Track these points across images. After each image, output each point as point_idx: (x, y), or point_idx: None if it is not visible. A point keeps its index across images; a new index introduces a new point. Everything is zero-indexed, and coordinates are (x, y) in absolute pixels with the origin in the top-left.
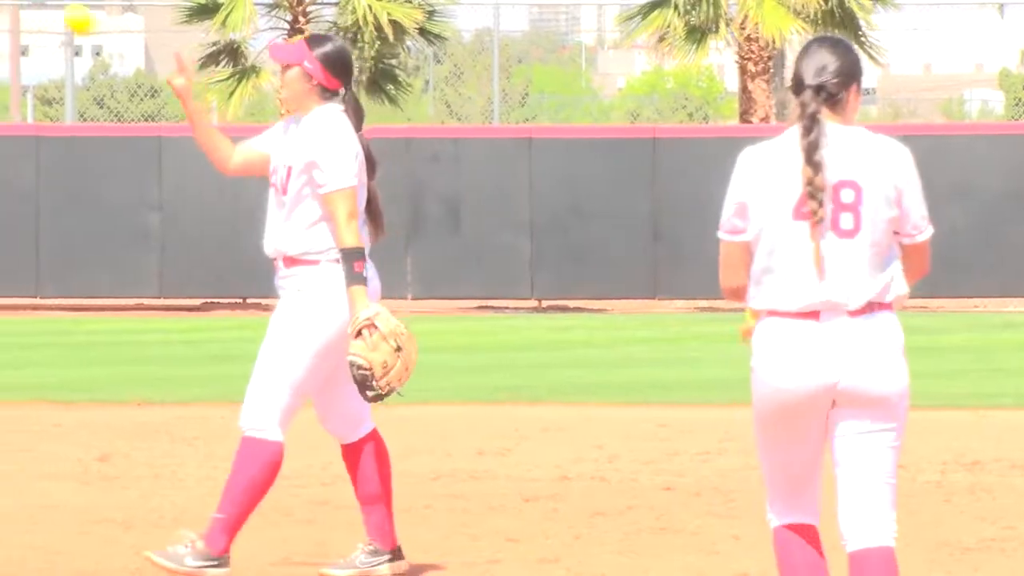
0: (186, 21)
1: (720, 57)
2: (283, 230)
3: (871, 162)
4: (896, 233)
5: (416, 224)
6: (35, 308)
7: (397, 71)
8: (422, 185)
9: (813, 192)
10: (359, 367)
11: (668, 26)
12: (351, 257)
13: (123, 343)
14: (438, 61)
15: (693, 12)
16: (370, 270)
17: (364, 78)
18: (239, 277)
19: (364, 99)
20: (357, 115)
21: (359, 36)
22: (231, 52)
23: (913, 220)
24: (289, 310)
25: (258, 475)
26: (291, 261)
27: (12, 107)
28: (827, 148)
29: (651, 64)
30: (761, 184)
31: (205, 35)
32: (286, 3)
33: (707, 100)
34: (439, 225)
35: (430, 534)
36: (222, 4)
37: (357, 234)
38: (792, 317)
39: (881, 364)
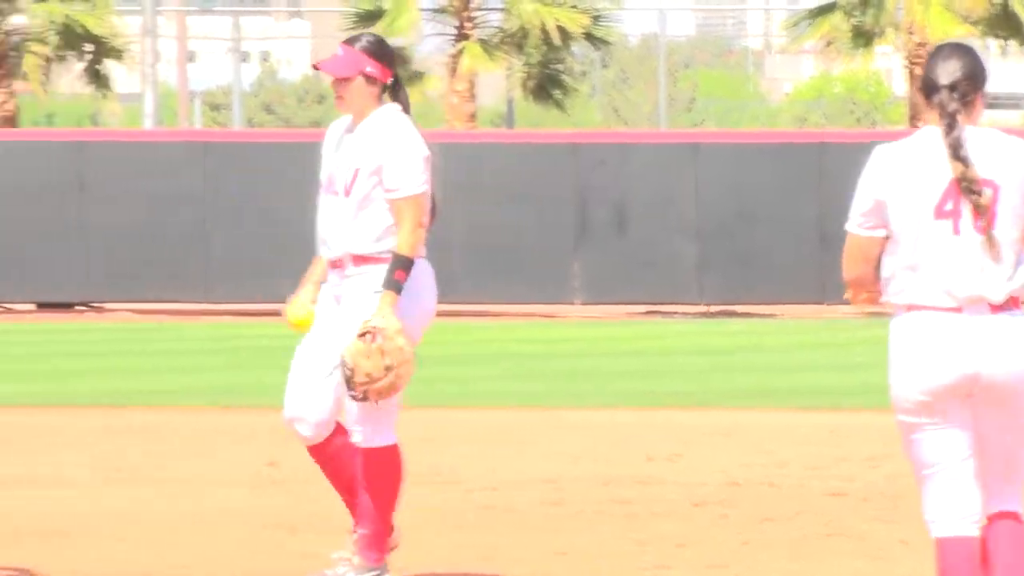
0: (352, 27)
1: (888, 61)
2: (352, 231)
3: (1008, 161)
4: None
5: (583, 229)
6: (204, 313)
7: (563, 76)
8: (588, 190)
9: (969, 186)
10: (344, 365)
11: (835, 30)
12: (400, 265)
13: (291, 348)
14: (604, 66)
15: (860, 16)
16: (429, 278)
17: (531, 83)
18: None
19: (530, 104)
20: (407, 111)
21: (525, 41)
22: (397, 58)
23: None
24: (368, 308)
25: (387, 483)
26: (364, 259)
27: (180, 113)
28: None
29: (818, 69)
30: (900, 183)
31: None
32: (451, 8)
33: (875, 105)
34: (606, 230)
35: (599, 539)
36: (388, 10)
37: (417, 245)
38: (937, 311)
39: (1020, 357)
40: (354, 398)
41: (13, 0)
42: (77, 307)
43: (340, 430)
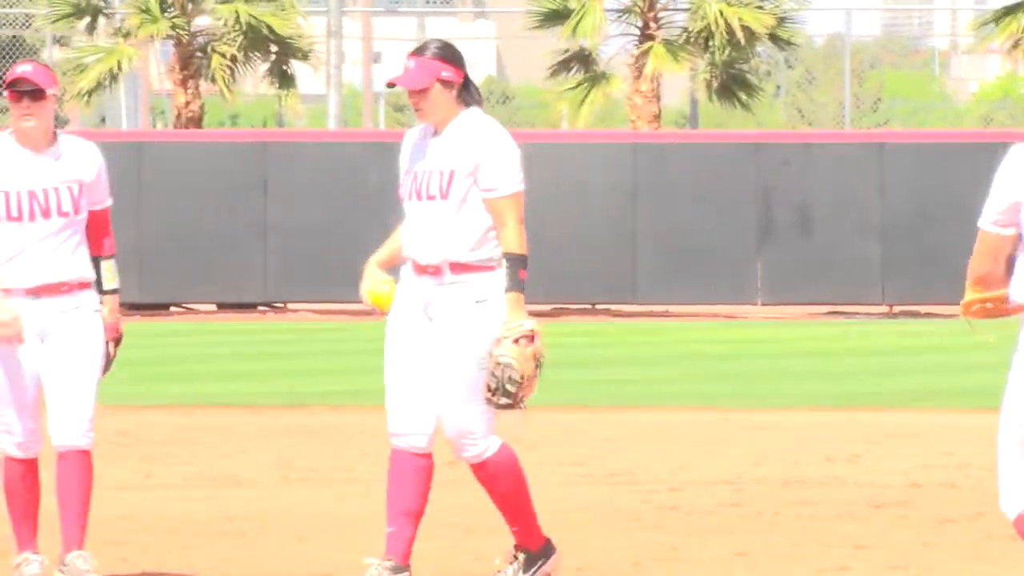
0: (537, 27)
1: None
2: (451, 235)
3: None
4: None
5: (766, 229)
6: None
7: (748, 76)
8: (772, 190)
9: None
10: (514, 370)
11: (1022, 31)
12: (520, 264)
13: None
14: (789, 66)
15: None
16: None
17: (715, 83)
18: (588, 283)
19: (714, 104)
20: (480, 108)
21: (710, 41)
22: (582, 59)
23: None
24: (473, 319)
25: (515, 484)
26: (463, 267)
27: (364, 114)
28: None
29: (1004, 68)
30: None
31: (556, 42)
32: (636, 9)
33: None
34: (789, 231)
35: (779, 540)
36: (573, 10)
37: (525, 240)
38: None
39: None
40: (501, 405)
41: (199, 1)
42: (259, 308)
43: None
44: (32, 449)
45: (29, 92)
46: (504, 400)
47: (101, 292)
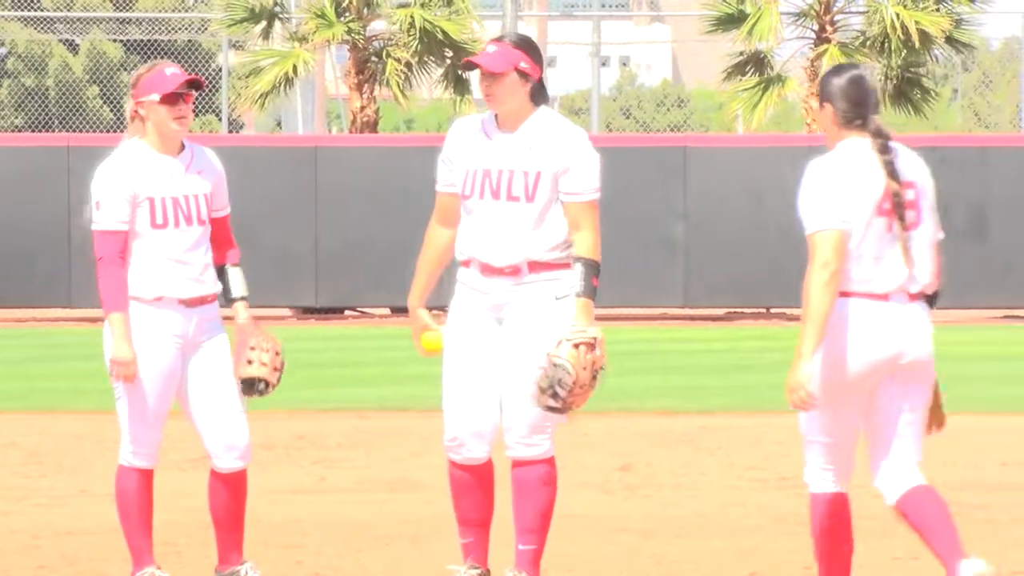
0: (712, 31)
1: None
2: (534, 237)
3: (920, 167)
4: None
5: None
6: None
7: (924, 79)
8: (948, 194)
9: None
10: (567, 374)
11: None
12: (594, 271)
13: (648, 352)
14: (966, 69)
15: None
16: None
17: (890, 86)
18: (763, 286)
19: (890, 108)
20: None
21: (886, 44)
22: (757, 62)
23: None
24: (553, 316)
25: (553, 497)
26: (542, 266)
27: None
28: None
29: None
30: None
31: (731, 45)
32: (812, 12)
33: None
34: (966, 234)
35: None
36: (749, 14)
37: (600, 247)
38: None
39: (929, 341)
40: (551, 408)
41: (375, 6)
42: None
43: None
44: (154, 459)
45: (185, 94)
46: (551, 403)
47: (229, 300)
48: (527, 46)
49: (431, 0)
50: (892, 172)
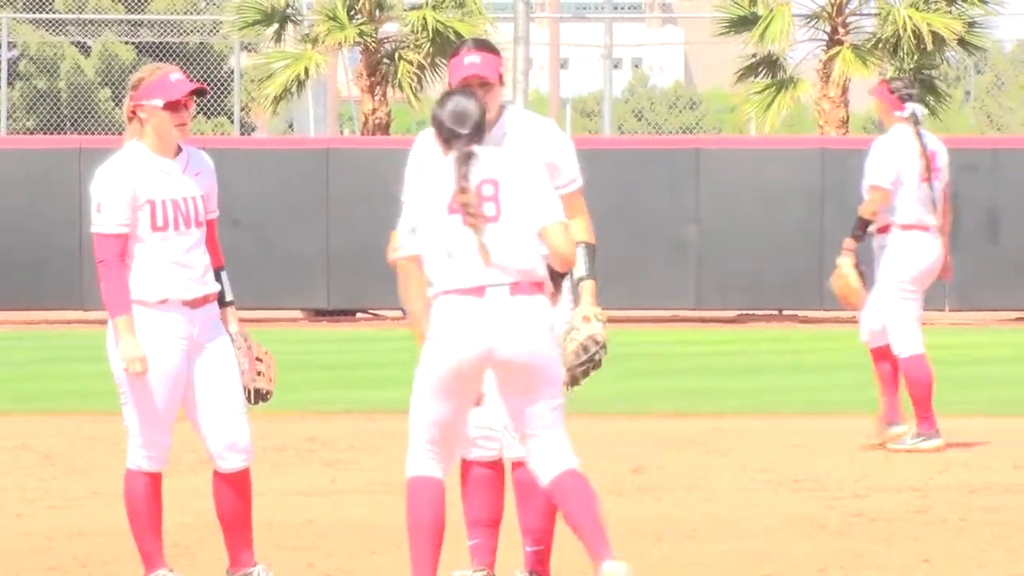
0: (724, 32)
1: None
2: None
3: (507, 160)
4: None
5: (954, 235)
6: None
7: (936, 81)
8: (960, 195)
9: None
10: (605, 350)
11: None
12: (594, 253)
13: (659, 355)
14: (979, 72)
15: None
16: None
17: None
18: (776, 288)
19: None
20: None
21: (898, 46)
22: (769, 64)
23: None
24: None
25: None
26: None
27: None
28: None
29: None
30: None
31: (743, 47)
32: (825, 14)
33: None
34: (977, 236)
35: (965, 547)
36: (761, 16)
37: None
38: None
39: (530, 334)
40: (580, 377)
41: (387, 8)
42: None
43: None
44: (163, 463)
45: (186, 101)
46: (582, 379)
47: (222, 305)
48: (496, 51)
49: (443, 2)
50: (465, 177)
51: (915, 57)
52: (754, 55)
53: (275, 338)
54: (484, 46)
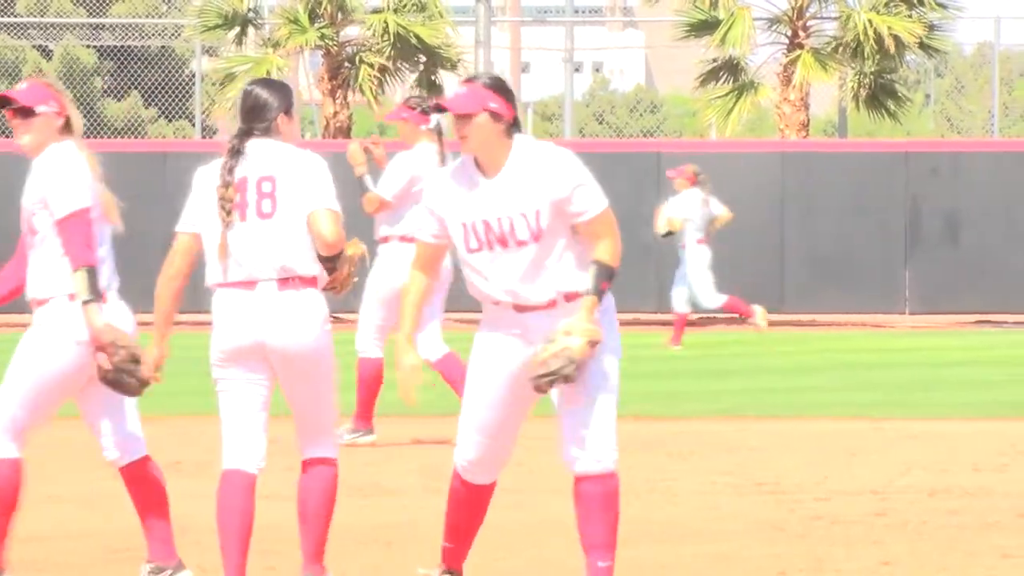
0: (685, 36)
1: None
2: (558, 271)
3: (283, 159)
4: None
5: (914, 238)
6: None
7: (897, 85)
8: (920, 199)
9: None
10: (572, 364)
11: None
12: (607, 275)
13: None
14: (939, 75)
15: None
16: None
17: (864, 92)
18: (736, 291)
19: (863, 113)
20: None
21: (859, 50)
22: (730, 68)
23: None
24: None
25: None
26: (574, 295)
27: None
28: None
29: None
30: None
31: (704, 51)
32: (785, 18)
33: None
34: (938, 239)
35: (926, 550)
36: (722, 20)
37: (619, 256)
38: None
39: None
40: (546, 385)
41: (348, 10)
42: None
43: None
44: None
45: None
46: (545, 387)
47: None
48: (497, 86)
49: (405, 5)
50: (230, 171)
51: (876, 60)
52: (715, 59)
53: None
54: (480, 79)
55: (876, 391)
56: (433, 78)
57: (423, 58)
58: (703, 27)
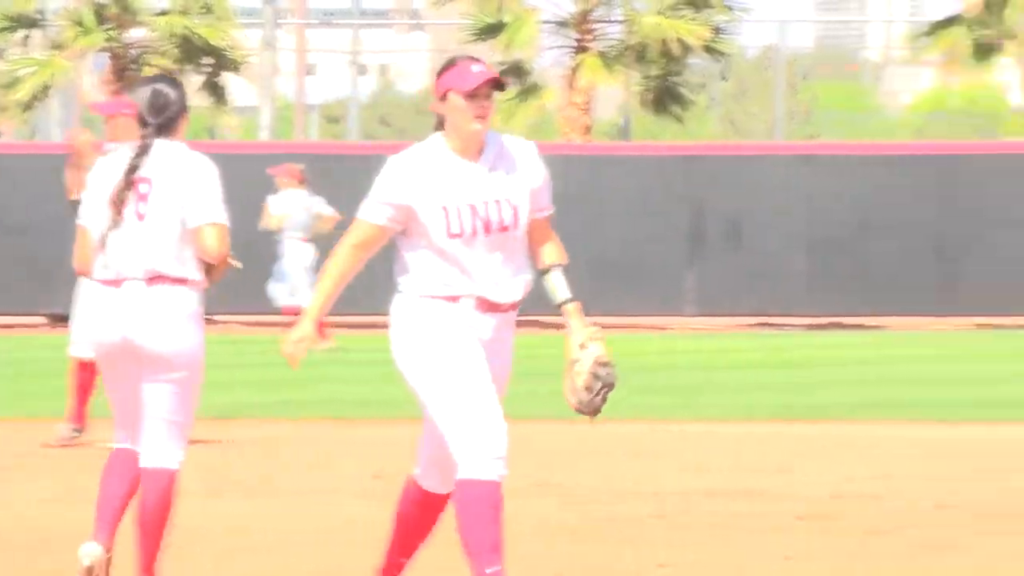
0: (472, 39)
1: (1007, 73)
2: (525, 266)
3: (163, 163)
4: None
5: (696, 241)
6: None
7: (681, 89)
8: (703, 202)
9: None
10: (610, 372)
11: (957, 44)
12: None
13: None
14: (723, 78)
15: (982, 30)
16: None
17: (649, 96)
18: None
19: (647, 116)
20: None
21: (644, 54)
22: (516, 71)
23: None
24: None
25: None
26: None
27: (296, 126)
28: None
29: (936, 81)
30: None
31: (491, 54)
32: (571, 21)
33: (993, 117)
34: (720, 242)
35: (706, 552)
36: (508, 23)
37: None
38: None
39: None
40: (598, 405)
41: (134, 13)
42: None
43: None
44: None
45: None
46: (605, 400)
47: None
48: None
49: (191, 8)
50: (132, 169)
51: (661, 64)
52: (502, 62)
53: (22, 344)
54: (472, 56)
55: (658, 393)
56: (218, 80)
57: (209, 60)
58: (490, 30)
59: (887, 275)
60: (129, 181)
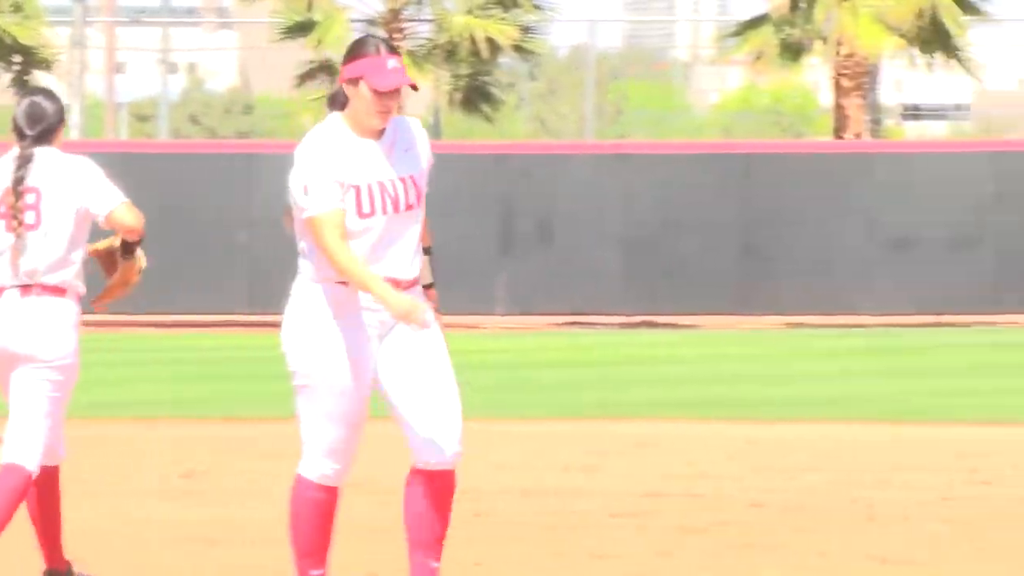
0: (281, 38)
1: (816, 74)
2: (419, 244)
3: (48, 171)
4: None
5: (508, 240)
6: (128, 325)
7: (491, 88)
8: (514, 201)
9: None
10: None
11: (764, 44)
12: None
13: (213, 360)
14: (532, 78)
15: (789, 30)
16: None
17: (459, 95)
18: None
19: (457, 115)
20: None
21: (454, 53)
22: (327, 69)
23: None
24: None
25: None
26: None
27: (106, 124)
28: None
29: (745, 80)
30: None
31: (301, 52)
32: (381, 20)
33: (801, 116)
34: (531, 241)
35: (516, 551)
36: (318, 22)
37: None
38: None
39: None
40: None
41: None
42: None
43: None
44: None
45: None
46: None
47: None
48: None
49: (0, 6)
50: (20, 181)
51: (471, 63)
52: (312, 61)
53: None
54: (392, 49)
55: (467, 392)
56: (26, 79)
57: (18, 58)
58: (299, 28)
59: (696, 274)
60: (18, 192)
